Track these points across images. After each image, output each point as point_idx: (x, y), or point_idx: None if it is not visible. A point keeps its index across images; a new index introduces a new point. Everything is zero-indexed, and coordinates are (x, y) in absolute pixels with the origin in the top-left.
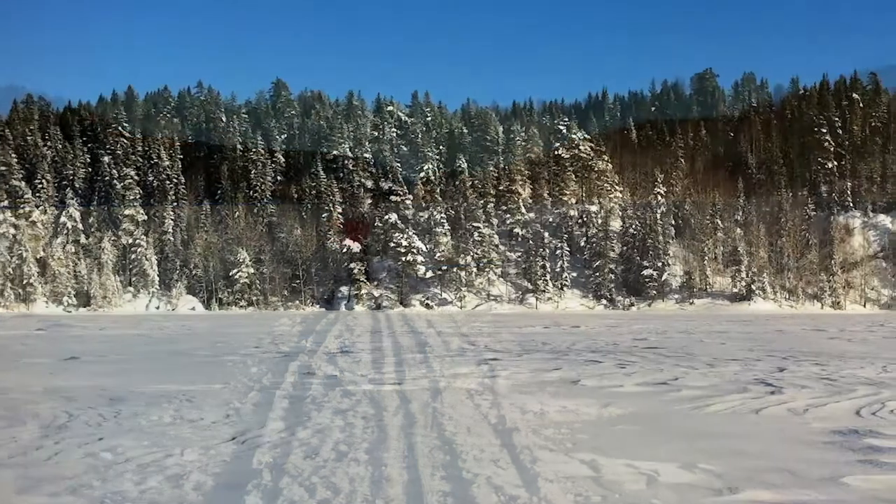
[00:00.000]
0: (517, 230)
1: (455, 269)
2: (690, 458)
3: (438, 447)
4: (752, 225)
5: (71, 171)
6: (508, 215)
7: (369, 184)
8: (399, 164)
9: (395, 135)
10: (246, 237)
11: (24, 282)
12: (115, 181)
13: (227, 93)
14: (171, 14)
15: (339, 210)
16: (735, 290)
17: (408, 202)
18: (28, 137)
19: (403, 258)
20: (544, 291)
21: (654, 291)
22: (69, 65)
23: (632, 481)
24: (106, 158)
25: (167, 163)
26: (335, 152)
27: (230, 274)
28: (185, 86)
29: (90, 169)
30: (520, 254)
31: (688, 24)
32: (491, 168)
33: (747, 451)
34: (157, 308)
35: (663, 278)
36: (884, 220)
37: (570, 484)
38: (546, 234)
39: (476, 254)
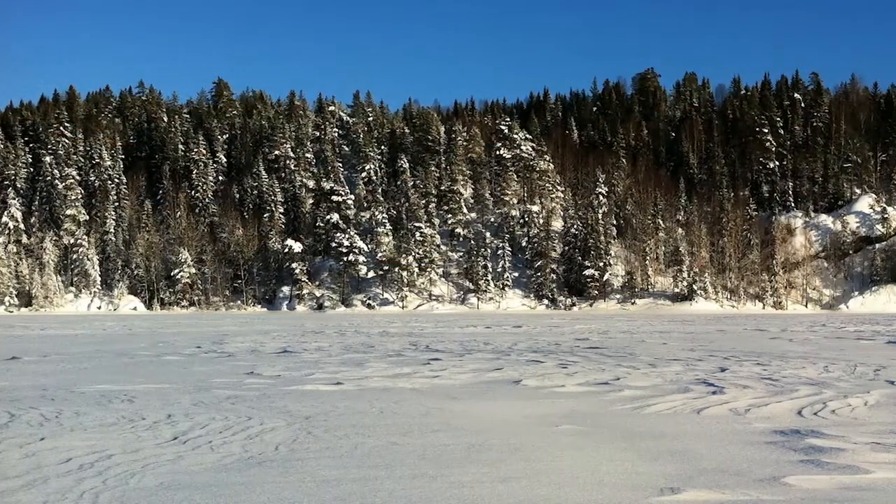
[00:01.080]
0: (459, 230)
1: (397, 269)
2: (632, 458)
3: (384, 447)
4: (693, 225)
5: (12, 171)
6: (450, 215)
7: (311, 184)
8: (341, 164)
9: (336, 135)
10: (188, 237)
11: None
12: (56, 181)
13: (168, 93)
14: (113, 13)
15: (281, 210)
16: (677, 289)
17: (349, 202)
18: None
19: (345, 258)
20: (486, 291)
21: (596, 291)
22: (10, 64)
23: (574, 482)
24: (47, 158)
25: (109, 163)
26: (277, 152)
27: (172, 274)
28: (127, 86)
29: (32, 169)
30: (461, 254)
31: (629, 23)
32: (433, 168)
33: (689, 450)
34: (99, 308)
35: (605, 278)
36: (825, 219)
37: (514, 484)
38: (488, 234)
39: (418, 254)
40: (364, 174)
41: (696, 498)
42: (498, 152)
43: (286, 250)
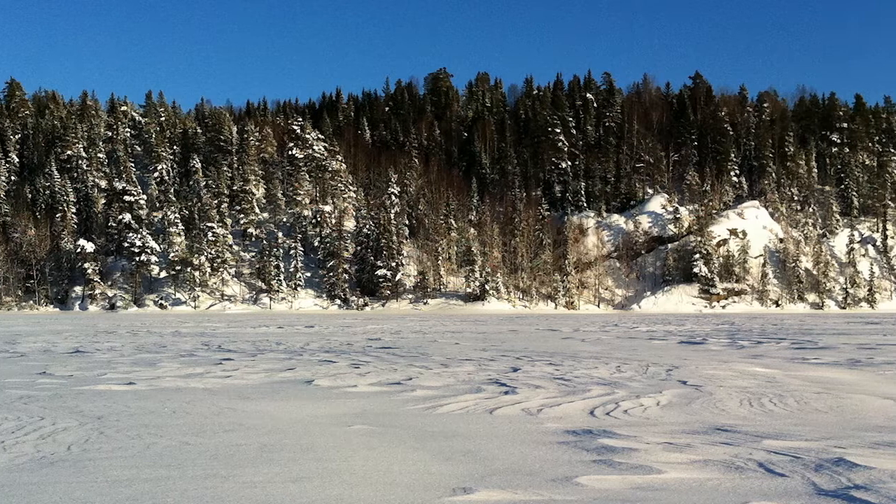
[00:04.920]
0: (251, 230)
1: (189, 269)
2: (425, 458)
3: (176, 447)
4: (485, 225)
5: None
6: (242, 215)
7: (103, 184)
8: (133, 164)
9: (129, 135)
10: None
11: None
12: None
13: None
14: None
15: (74, 210)
16: (469, 289)
17: (142, 202)
18: None
19: (137, 258)
20: (278, 291)
21: (389, 291)
22: None
23: (367, 482)
24: None
25: None
26: (69, 152)
27: None
28: None
29: None
30: (254, 254)
31: (421, 23)
32: (225, 168)
33: (481, 451)
34: None
35: (397, 278)
36: (617, 219)
37: (307, 484)
38: (280, 234)
39: (210, 254)
40: (156, 174)
41: (489, 498)
42: (290, 152)
43: (78, 250)
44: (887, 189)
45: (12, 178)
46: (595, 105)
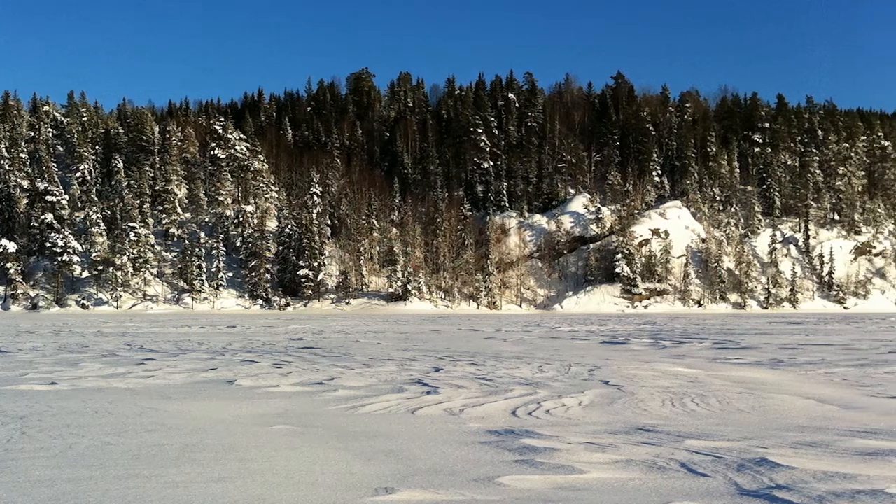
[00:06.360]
0: (173, 230)
1: (111, 269)
2: (347, 458)
3: (98, 447)
4: (408, 225)
5: None
6: (164, 215)
7: (25, 184)
8: (55, 164)
9: (51, 135)
10: None
11: None
12: None
13: None
14: None
15: None
16: (391, 289)
17: (64, 202)
18: None
19: (59, 258)
20: (200, 291)
21: (311, 291)
22: None
23: (289, 482)
24: None
25: None
26: None
27: None
28: None
29: None
30: (176, 254)
31: (344, 23)
32: (147, 168)
33: (403, 451)
34: None
35: (319, 278)
36: (540, 219)
37: (229, 484)
38: (202, 234)
39: (132, 254)
40: (78, 174)
41: (411, 498)
42: (212, 152)
43: (0, 250)
44: (809, 189)
45: None
46: (517, 105)
